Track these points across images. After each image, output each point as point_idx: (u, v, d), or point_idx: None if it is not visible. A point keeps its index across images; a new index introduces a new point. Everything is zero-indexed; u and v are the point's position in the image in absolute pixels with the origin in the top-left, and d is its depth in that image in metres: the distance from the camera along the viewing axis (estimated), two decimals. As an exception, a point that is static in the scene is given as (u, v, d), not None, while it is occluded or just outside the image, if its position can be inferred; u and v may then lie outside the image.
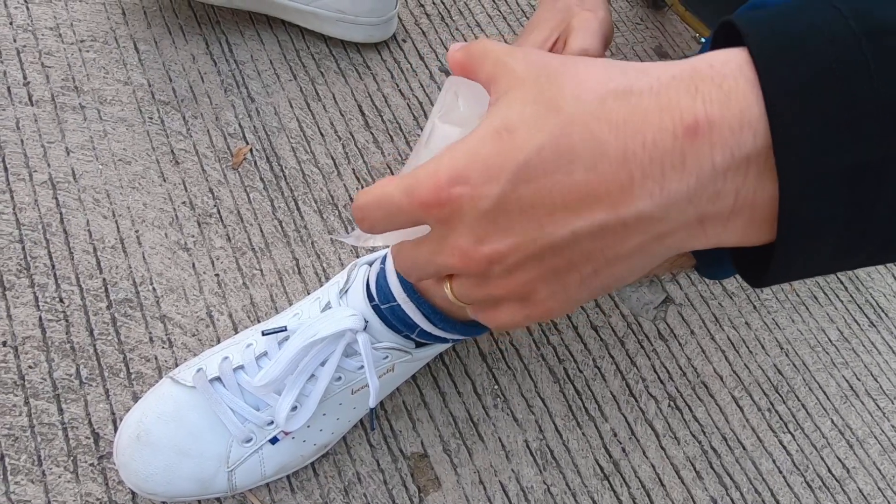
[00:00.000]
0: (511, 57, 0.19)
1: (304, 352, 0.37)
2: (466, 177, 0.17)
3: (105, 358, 0.44)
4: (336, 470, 0.44)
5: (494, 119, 0.18)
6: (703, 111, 0.15)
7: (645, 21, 0.75)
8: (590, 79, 0.17)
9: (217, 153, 0.54)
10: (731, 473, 0.51)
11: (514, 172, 0.17)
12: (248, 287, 0.49)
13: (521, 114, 0.17)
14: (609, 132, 0.16)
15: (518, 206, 0.17)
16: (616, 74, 0.17)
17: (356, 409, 0.41)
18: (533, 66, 0.18)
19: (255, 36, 0.61)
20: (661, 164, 0.16)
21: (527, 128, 0.17)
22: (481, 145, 0.17)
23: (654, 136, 0.16)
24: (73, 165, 0.51)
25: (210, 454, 0.37)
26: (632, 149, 0.16)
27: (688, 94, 0.16)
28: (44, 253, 0.47)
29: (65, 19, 0.57)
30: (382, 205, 0.19)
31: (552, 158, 0.17)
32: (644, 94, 0.16)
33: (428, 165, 0.18)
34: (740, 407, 0.54)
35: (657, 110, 0.16)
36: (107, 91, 0.55)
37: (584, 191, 0.17)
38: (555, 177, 0.17)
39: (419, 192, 0.18)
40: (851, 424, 0.55)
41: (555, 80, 0.17)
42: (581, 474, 0.48)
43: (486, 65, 0.20)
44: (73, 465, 0.41)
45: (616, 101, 0.16)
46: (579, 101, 0.17)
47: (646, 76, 0.17)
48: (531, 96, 0.17)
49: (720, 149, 0.16)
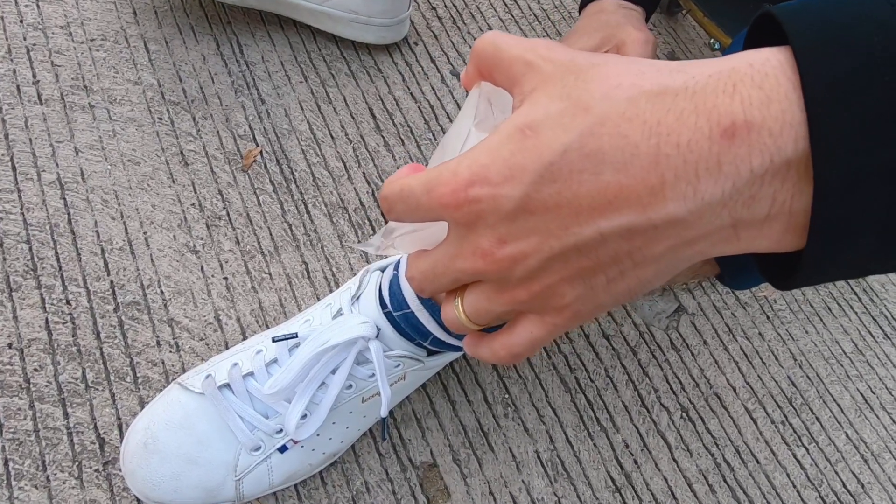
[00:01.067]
0: (534, 53, 0.18)
1: (315, 359, 0.36)
2: (487, 177, 0.17)
3: (112, 362, 0.44)
4: (344, 479, 0.43)
5: (518, 117, 0.17)
6: (742, 113, 0.15)
7: (658, 27, 0.75)
8: (621, 77, 0.16)
9: (227, 155, 0.54)
10: (744, 487, 0.50)
11: (537, 173, 0.16)
12: (256, 291, 0.49)
13: (547, 112, 0.16)
14: (641, 133, 0.15)
15: (542, 206, 0.17)
16: (649, 73, 0.16)
17: (366, 418, 0.40)
18: (559, 63, 0.17)
19: (266, 37, 0.61)
20: (695, 167, 0.15)
21: (552, 127, 0.16)
22: (504, 144, 0.17)
23: (689, 138, 0.15)
24: (82, 165, 0.50)
25: (218, 462, 0.37)
26: (664, 151, 0.15)
27: (725, 95, 0.15)
28: (51, 254, 0.46)
29: (75, 18, 0.57)
30: (404, 198, 0.19)
31: (579, 159, 0.16)
32: (679, 94, 0.15)
33: (450, 163, 0.18)
34: (753, 419, 0.53)
35: (693, 111, 0.15)
36: (116, 91, 0.54)
37: (612, 192, 0.16)
38: (581, 177, 0.16)
39: (439, 190, 0.18)
40: (866, 438, 0.55)
41: (583, 77, 0.17)
42: (592, 486, 0.47)
43: (503, 65, 0.19)
44: (78, 470, 0.40)
45: (649, 101, 0.16)
46: (609, 100, 0.16)
47: (681, 74, 0.16)
48: (557, 94, 0.17)
49: (759, 152, 0.15)
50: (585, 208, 0.16)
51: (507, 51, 0.19)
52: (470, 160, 0.17)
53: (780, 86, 0.15)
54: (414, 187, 0.18)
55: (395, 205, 0.19)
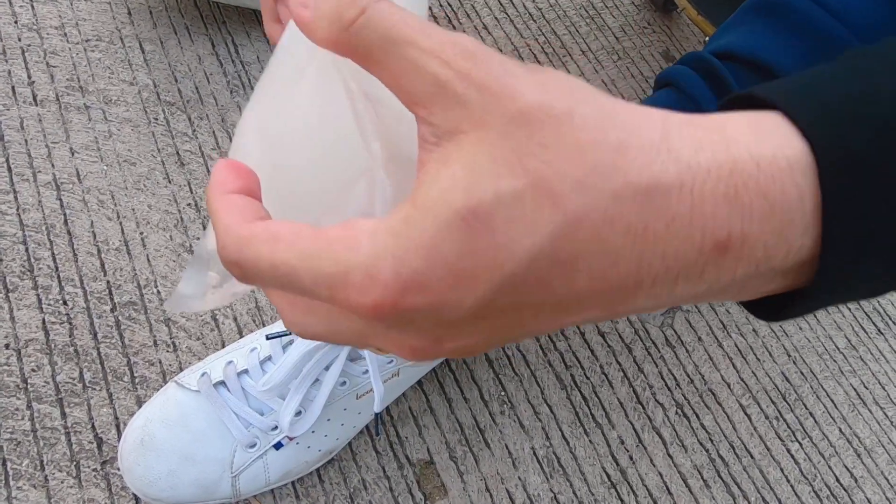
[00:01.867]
0: (449, 69, 0.13)
1: (308, 356, 0.36)
2: (424, 284, 0.13)
3: (109, 361, 0.44)
4: (341, 476, 0.44)
5: (455, 194, 0.12)
6: (740, 226, 0.13)
7: (652, 25, 0.75)
8: (597, 152, 0.12)
9: (223, 155, 0.54)
10: (738, 482, 0.50)
11: (494, 284, 0.13)
12: (253, 291, 0.49)
13: (497, 193, 0.12)
14: (624, 241, 0.13)
15: (497, 312, 0.13)
16: (632, 149, 0.13)
17: (361, 415, 0.41)
18: (495, 99, 0.13)
19: (261, 37, 0.61)
20: (676, 275, 0.13)
21: (510, 221, 0.12)
22: (443, 241, 0.12)
23: (677, 249, 0.13)
24: (78, 166, 0.51)
25: (214, 459, 0.37)
26: (648, 260, 0.13)
27: (725, 202, 0.13)
28: (47, 254, 0.47)
29: (70, 18, 0.57)
30: (280, 279, 0.14)
31: (548, 267, 0.13)
32: (672, 195, 0.12)
33: (359, 258, 0.13)
34: (748, 415, 0.53)
35: (687, 219, 0.13)
36: (112, 91, 0.55)
37: (583, 296, 0.13)
38: (549, 286, 0.13)
39: (352, 296, 0.13)
40: (859, 433, 0.55)
41: (538, 137, 0.12)
42: (588, 482, 0.47)
43: (394, 67, 0.13)
44: (76, 470, 0.40)
45: (635, 201, 0.12)
46: (586, 194, 0.12)
47: (673, 162, 0.13)
48: (504, 160, 0.12)
49: (746, 263, 0.13)
50: (549, 310, 0.14)
51: (399, 45, 0.13)
52: (395, 260, 0.12)
53: (785, 195, 0.13)
54: (301, 276, 0.13)
55: (258, 278, 0.14)
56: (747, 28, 0.29)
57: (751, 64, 0.28)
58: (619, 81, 0.69)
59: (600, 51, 0.71)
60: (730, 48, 0.29)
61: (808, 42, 0.27)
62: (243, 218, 0.14)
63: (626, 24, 0.74)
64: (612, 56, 0.71)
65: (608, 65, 0.70)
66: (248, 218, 0.14)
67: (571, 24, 0.72)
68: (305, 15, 0.15)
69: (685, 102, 0.30)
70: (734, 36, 0.30)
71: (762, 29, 0.28)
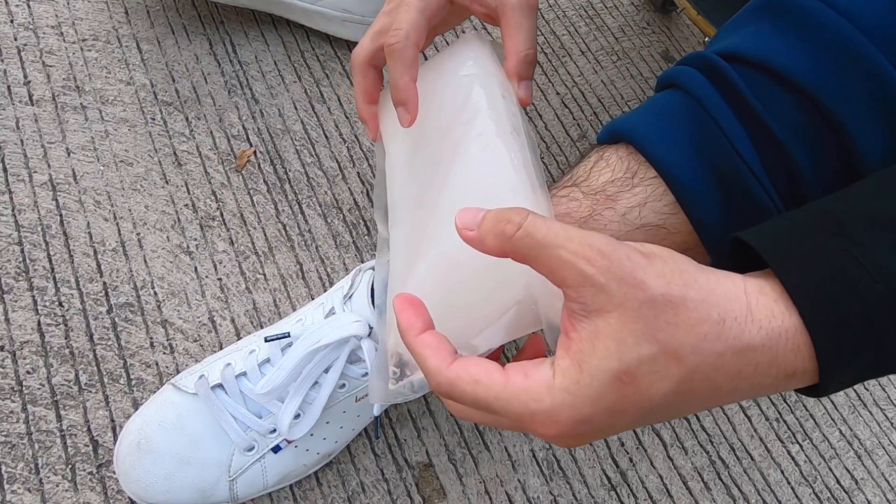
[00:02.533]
0: (592, 267, 0.19)
1: (307, 358, 0.36)
2: (590, 420, 0.19)
3: (105, 363, 0.43)
4: (340, 479, 0.43)
5: (611, 362, 0.19)
6: (802, 365, 0.20)
7: (652, 25, 0.75)
8: (705, 325, 0.19)
9: (220, 155, 0.54)
10: (739, 484, 0.50)
11: (639, 414, 0.20)
12: (251, 292, 0.49)
13: (639, 357, 0.19)
14: (725, 379, 0.20)
15: (627, 423, 0.20)
16: (728, 320, 0.19)
17: (360, 417, 0.40)
18: (629, 289, 0.19)
19: (259, 37, 0.61)
20: (756, 393, 0.21)
21: (648, 374, 0.19)
22: (604, 394, 0.19)
23: (761, 381, 0.20)
24: (74, 166, 0.50)
25: (211, 462, 0.36)
26: (741, 388, 0.20)
27: (792, 353, 0.20)
28: (43, 255, 0.46)
29: (66, 17, 0.57)
30: (479, 406, 0.21)
31: (674, 400, 0.20)
32: (758, 351, 0.19)
33: (540, 407, 0.19)
34: (748, 416, 0.53)
35: (768, 364, 0.20)
36: (108, 91, 0.54)
37: (693, 410, 0.21)
38: (672, 409, 0.20)
39: (535, 427, 0.20)
40: (860, 435, 0.55)
41: (664, 317, 0.19)
42: (588, 484, 0.47)
43: (547, 262, 0.20)
44: (72, 473, 0.40)
45: (734, 357, 0.19)
46: (700, 354, 0.19)
47: (757, 329, 0.19)
48: (641, 332, 0.19)
49: (797, 383, 0.21)
50: (664, 417, 0.21)
51: (552, 249, 0.19)
52: (572, 410, 0.19)
53: (801, 352, 0.20)
54: (495, 409, 0.20)
55: (461, 402, 0.21)
56: (754, 28, 0.28)
57: (760, 67, 0.27)
58: (619, 82, 0.69)
59: (599, 51, 0.71)
60: (737, 49, 0.28)
61: (818, 45, 0.26)
62: (442, 359, 0.21)
63: (626, 25, 0.74)
64: (612, 56, 0.71)
65: (607, 65, 0.70)
66: (445, 358, 0.21)
67: (571, 25, 0.72)
68: (472, 236, 0.21)
69: (691, 104, 0.29)
70: (740, 37, 0.29)
71: (770, 30, 0.28)
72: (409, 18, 0.29)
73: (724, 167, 0.28)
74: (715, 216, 0.28)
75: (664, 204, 0.29)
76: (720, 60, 0.28)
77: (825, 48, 0.26)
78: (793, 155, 0.27)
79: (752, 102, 0.27)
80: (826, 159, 0.27)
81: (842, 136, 0.26)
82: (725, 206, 0.28)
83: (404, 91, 0.30)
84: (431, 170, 0.29)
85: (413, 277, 0.25)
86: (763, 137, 0.27)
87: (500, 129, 0.27)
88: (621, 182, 0.30)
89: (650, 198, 0.29)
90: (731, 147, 0.27)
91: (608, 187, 0.30)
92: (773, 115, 0.27)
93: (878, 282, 0.19)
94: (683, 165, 0.28)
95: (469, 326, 0.23)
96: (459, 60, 0.31)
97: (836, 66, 0.25)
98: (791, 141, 0.27)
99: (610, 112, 0.67)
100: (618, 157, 0.30)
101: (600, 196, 0.30)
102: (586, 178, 0.31)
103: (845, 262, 0.20)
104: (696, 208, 0.28)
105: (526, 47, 0.31)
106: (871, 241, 0.20)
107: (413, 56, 0.30)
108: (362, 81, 0.33)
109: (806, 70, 0.26)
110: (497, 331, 0.23)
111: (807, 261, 0.20)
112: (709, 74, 0.28)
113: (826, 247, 0.20)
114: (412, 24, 0.29)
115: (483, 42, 0.33)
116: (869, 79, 0.25)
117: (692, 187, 0.28)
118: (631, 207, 0.29)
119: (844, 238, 0.20)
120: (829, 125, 0.26)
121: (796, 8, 0.27)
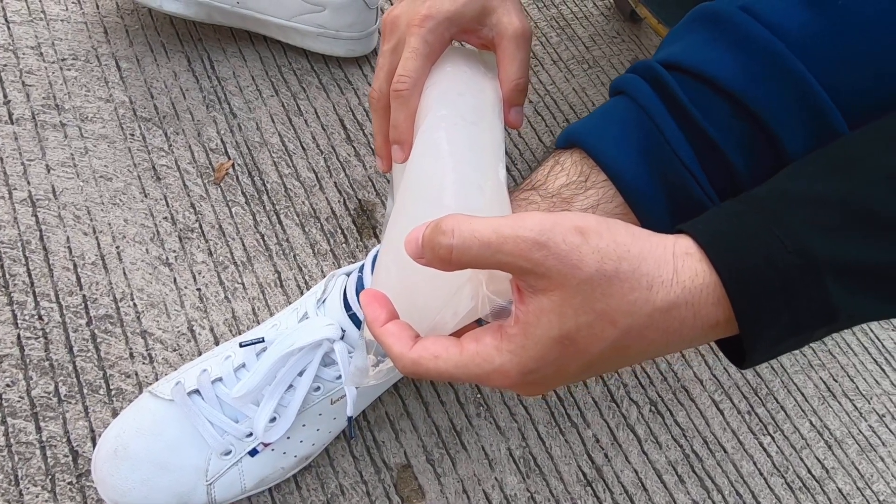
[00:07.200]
0: (531, 262, 0.21)
1: (281, 362, 0.37)
2: (537, 370, 0.23)
3: (84, 375, 0.44)
4: (319, 482, 0.44)
5: (552, 330, 0.22)
6: (723, 315, 0.22)
7: (621, 34, 0.77)
8: (635, 291, 0.22)
9: (199, 169, 0.55)
10: (712, 476, 0.51)
11: (580, 369, 0.23)
12: (230, 301, 0.49)
13: (577, 324, 0.22)
14: (657, 335, 0.22)
15: (577, 377, 0.24)
16: (655, 285, 0.22)
17: (336, 420, 0.41)
18: (566, 269, 0.21)
19: (237, 53, 0.62)
20: (686, 345, 0.24)
21: (587, 337, 0.22)
22: (547, 353, 0.22)
23: (689, 333, 0.23)
24: (54, 183, 0.51)
25: (189, 467, 0.37)
26: (672, 341, 0.23)
27: (712, 306, 0.22)
28: (23, 270, 0.47)
29: (46, 38, 0.58)
30: (442, 377, 0.24)
31: (611, 354, 0.23)
32: (682, 307, 0.22)
33: (492, 366, 0.23)
34: (720, 410, 0.54)
35: (693, 318, 0.22)
36: (88, 109, 0.55)
37: (630, 362, 0.24)
38: (611, 361, 0.23)
39: (492, 382, 0.23)
40: (830, 425, 0.56)
41: (601, 293, 0.21)
42: (564, 481, 0.48)
43: (493, 266, 0.22)
44: (52, 484, 0.40)
45: (661, 315, 0.22)
46: (632, 316, 0.22)
47: (679, 287, 0.22)
48: (579, 305, 0.21)
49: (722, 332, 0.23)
50: (609, 369, 0.24)
51: (489, 256, 0.22)
52: (517, 365, 0.23)
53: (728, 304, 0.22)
54: (457, 376, 0.23)
55: (427, 378, 0.24)
56: (692, 39, 0.30)
57: (697, 76, 0.29)
58: (590, 89, 0.71)
59: (571, 60, 0.73)
60: (677, 59, 0.30)
61: (748, 56, 0.28)
62: (404, 344, 0.24)
63: (596, 34, 0.76)
64: (583, 65, 0.73)
65: (579, 73, 0.72)
66: (407, 342, 0.24)
67: (542, 35, 0.74)
68: (423, 262, 0.23)
69: (637, 111, 0.30)
70: (679, 46, 0.31)
71: (703, 41, 0.30)
72: (417, 67, 0.33)
73: (667, 171, 0.29)
74: (660, 215, 0.30)
75: (615, 205, 0.31)
76: (660, 69, 0.30)
77: (754, 58, 0.28)
78: (729, 157, 0.28)
79: (691, 109, 0.29)
80: (759, 160, 0.28)
81: (771, 138, 0.28)
82: (670, 205, 0.30)
83: (404, 133, 0.33)
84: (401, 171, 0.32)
85: (378, 274, 0.28)
86: (701, 142, 0.29)
87: (448, 124, 0.30)
88: (575, 185, 0.31)
89: (602, 200, 0.31)
90: (673, 152, 0.29)
91: (564, 190, 0.32)
92: (711, 121, 0.29)
93: (791, 252, 0.21)
94: (631, 170, 0.30)
95: (427, 314, 0.25)
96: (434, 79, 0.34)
97: (764, 75, 0.27)
98: (727, 144, 0.28)
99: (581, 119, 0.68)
100: (572, 162, 0.32)
101: (556, 199, 0.32)
102: (544, 182, 0.33)
103: (758, 228, 0.22)
104: (643, 209, 0.30)
105: (518, 76, 0.34)
106: (786, 215, 0.22)
107: (416, 101, 0.33)
108: (384, 124, 0.35)
109: (737, 79, 0.28)
110: (454, 315, 0.25)
111: (728, 231, 0.23)
112: (652, 83, 0.30)
113: (743, 218, 0.23)
114: (419, 73, 0.33)
115: (457, 48, 0.36)
116: (793, 86, 0.27)
117: (640, 190, 0.30)
118: (585, 209, 0.31)
119: (765, 213, 0.22)
120: (760, 129, 0.28)
121: (727, 21, 0.29)
